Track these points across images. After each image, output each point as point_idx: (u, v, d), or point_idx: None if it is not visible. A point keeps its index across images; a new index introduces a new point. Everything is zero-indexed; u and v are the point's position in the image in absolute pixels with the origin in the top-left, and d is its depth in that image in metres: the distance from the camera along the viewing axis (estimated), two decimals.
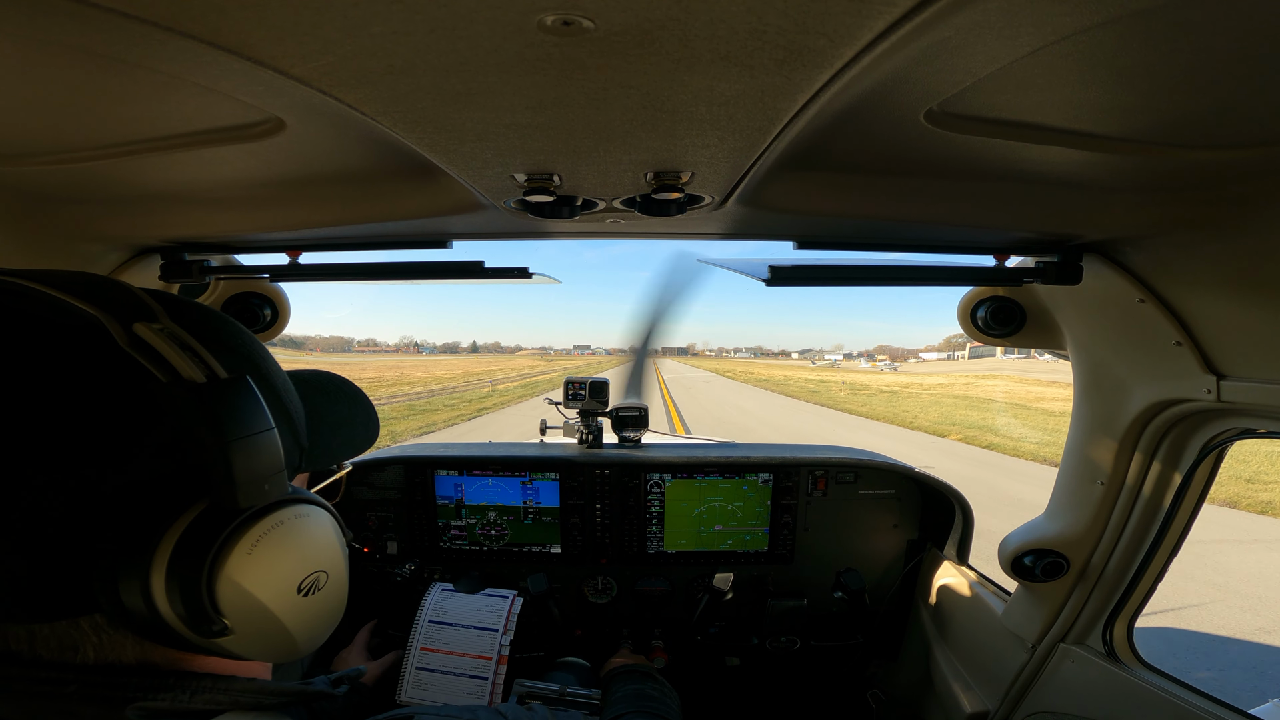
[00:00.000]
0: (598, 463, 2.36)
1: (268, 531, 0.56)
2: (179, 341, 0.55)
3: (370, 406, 0.91)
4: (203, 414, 0.52)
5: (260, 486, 0.55)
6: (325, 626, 0.63)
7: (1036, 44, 0.64)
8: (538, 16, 0.55)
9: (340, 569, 0.64)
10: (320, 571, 0.60)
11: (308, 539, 0.59)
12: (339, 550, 0.64)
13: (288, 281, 1.76)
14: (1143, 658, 1.66)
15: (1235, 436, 1.39)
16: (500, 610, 2.03)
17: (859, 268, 1.49)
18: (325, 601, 0.62)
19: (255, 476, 0.54)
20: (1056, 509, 1.71)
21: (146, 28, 0.57)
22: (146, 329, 0.54)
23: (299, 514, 0.59)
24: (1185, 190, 1.06)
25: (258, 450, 0.55)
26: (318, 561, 0.60)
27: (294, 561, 0.58)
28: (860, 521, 2.42)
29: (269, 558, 0.55)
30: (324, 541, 0.61)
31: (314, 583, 0.60)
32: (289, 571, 0.57)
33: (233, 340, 0.66)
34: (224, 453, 0.52)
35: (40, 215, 1.26)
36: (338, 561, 0.63)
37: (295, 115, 0.84)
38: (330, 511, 0.65)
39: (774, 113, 0.77)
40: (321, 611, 0.62)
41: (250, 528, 0.55)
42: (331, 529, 0.63)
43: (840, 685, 2.66)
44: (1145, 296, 1.31)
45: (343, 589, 0.64)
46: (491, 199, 1.14)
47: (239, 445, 0.53)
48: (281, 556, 0.56)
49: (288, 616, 0.57)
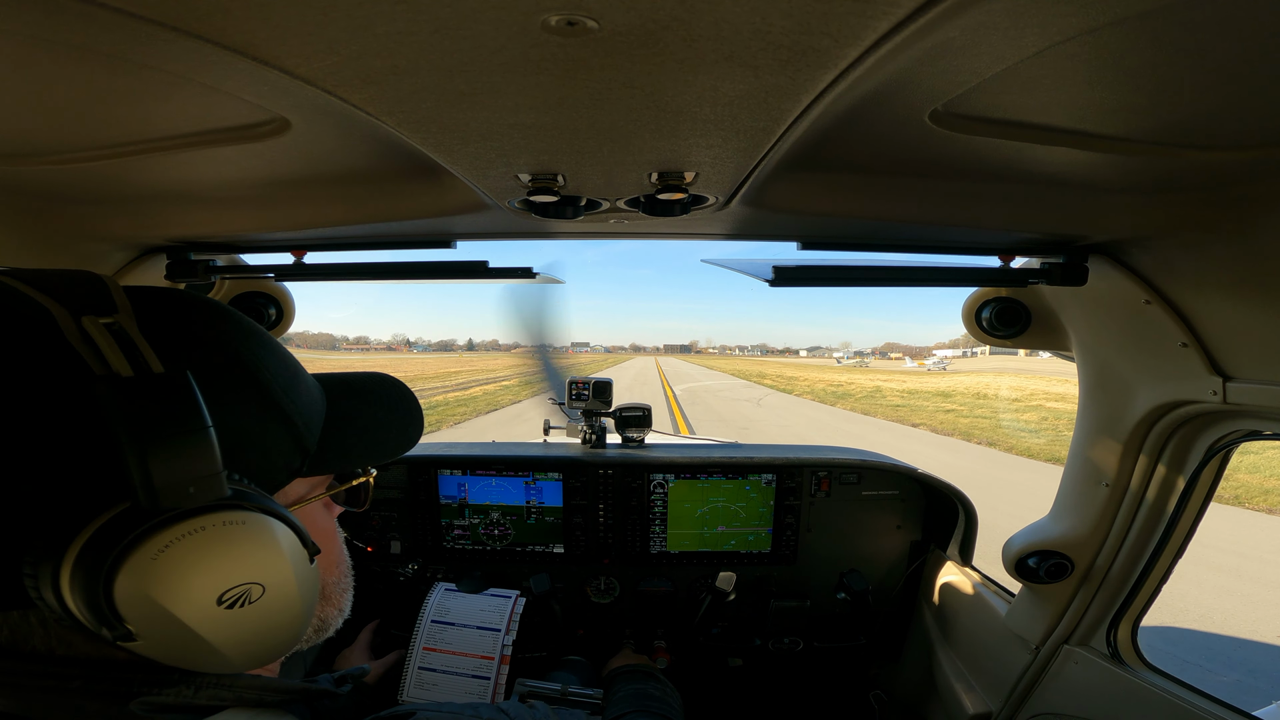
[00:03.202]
0: (601, 463, 2.36)
1: (181, 537, 0.52)
2: (121, 335, 0.53)
3: (412, 413, 0.88)
4: (118, 410, 0.50)
5: (182, 489, 0.51)
6: (266, 642, 0.60)
7: (1042, 45, 0.63)
8: (542, 16, 0.55)
9: (286, 583, 0.59)
10: (252, 584, 0.56)
11: (236, 549, 0.55)
12: (286, 564, 0.59)
13: (292, 281, 1.77)
14: (1147, 659, 1.65)
15: (1241, 438, 1.38)
16: (503, 610, 2.03)
17: (863, 268, 1.48)
18: (261, 616, 0.57)
19: (175, 479, 0.51)
20: (1061, 510, 1.70)
21: (152, 27, 0.57)
22: (93, 322, 0.53)
23: (229, 521, 0.55)
24: (1192, 191, 1.05)
25: (180, 451, 0.51)
26: (249, 574, 0.56)
27: (212, 571, 0.54)
28: (863, 522, 2.41)
29: (178, 564, 0.52)
30: (262, 553, 0.57)
31: (243, 595, 0.56)
32: (205, 581, 0.53)
33: (209, 334, 0.63)
34: (137, 451, 0.50)
35: (47, 215, 1.26)
36: (282, 575, 0.58)
37: (300, 115, 0.85)
38: (287, 522, 0.60)
39: (778, 113, 0.76)
40: (257, 627, 0.58)
41: (160, 532, 0.52)
42: (280, 541, 0.58)
43: (843, 686, 2.66)
44: (1151, 298, 1.31)
45: (289, 605, 0.60)
46: (496, 199, 1.14)
47: (155, 444, 0.50)
48: (195, 564, 0.53)
49: (205, 628, 0.54)
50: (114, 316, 0.54)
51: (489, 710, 0.82)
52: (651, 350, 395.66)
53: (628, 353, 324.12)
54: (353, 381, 0.84)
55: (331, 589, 0.81)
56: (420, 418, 0.89)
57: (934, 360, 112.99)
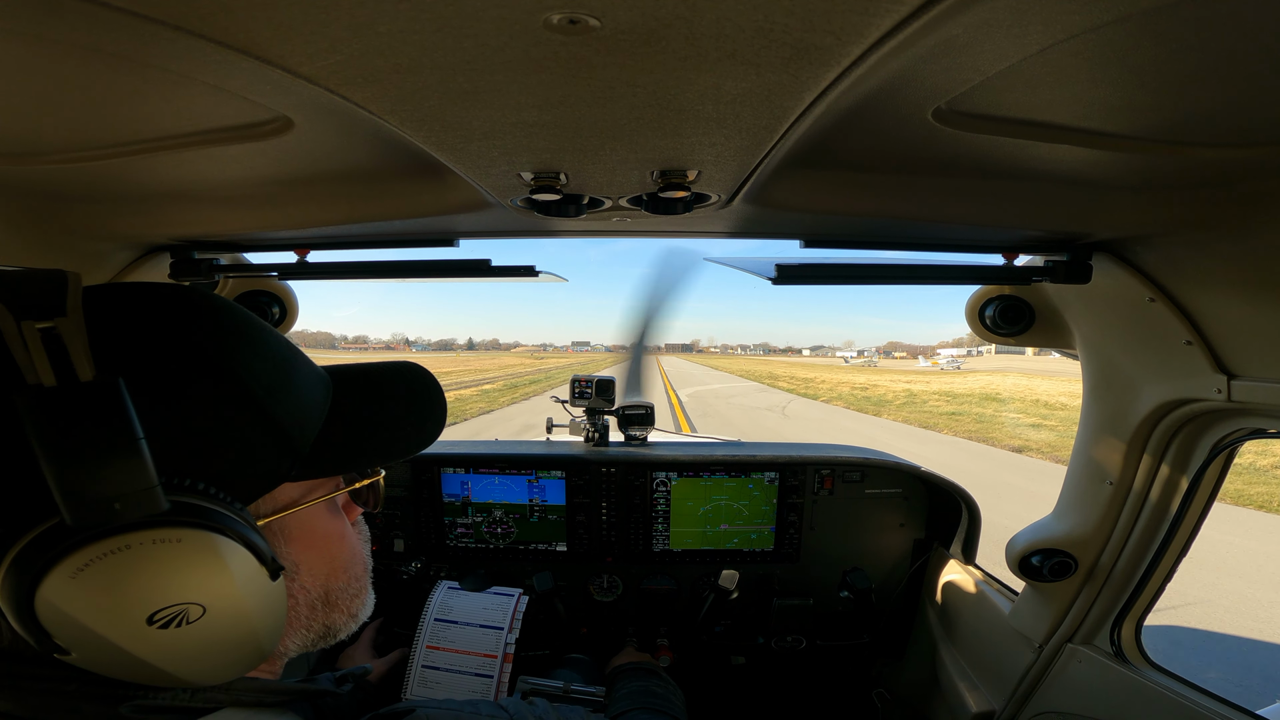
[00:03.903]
0: (604, 461, 2.36)
1: (102, 556, 0.50)
2: (54, 342, 0.49)
3: (432, 407, 0.83)
4: (34, 423, 0.47)
5: (105, 505, 0.48)
6: (219, 659, 0.57)
7: (1046, 42, 0.63)
8: (544, 15, 0.55)
9: (231, 603, 0.55)
10: (189, 605, 0.53)
11: (165, 569, 0.52)
12: (231, 583, 0.55)
13: (296, 279, 1.77)
14: (1151, 658, 1.65)
15: (1245, 436, 1.38)
16: (506, 608, 2.03)
17: (866, 266, 1.48)
18: (205, 636, 0.54)
19: (97, 494, 0.48)
20: (1065, 508, 1.70)
21: (156, 27, 0.57)
22: (30, 327, 0.48)
23: (160, 539, 0.52)
24: (1196, 188, 1.05)
25: (101, 466, 0.48)
26: (183, 594, 0.53)
27: (138, 591, 0.51)
28: (867, 521, 2.41)
29: (99, 584, 0.50)
30: (198, 573, 0.53)
31: (178, 616, 0.53)
32: (130, 601, 0.51)
33: (179, 332, 0.60)
34: (53, 467, 0.47)
35: (51, 214, 1.27)
36: (225, 595, 0.55)
37: (303, 114, 0.85)
38: (242, 539, 0.56)
39: (781, 111, 0.76)
40: (202, 645, 0.55)
41: (78, 551, 0.49)
42: (225, 559, 0.55)
43: (846, 685, 2.65)
44: (1155, 295, 1.30)
45: (238, 624, 0.56)
46: (498, 197, 1.14)
47: (71, 459, 0.47)
48: (117, 585, 0.50)
49: (137, 647, 0.52)
50: (55, 320, 0.49)
51: (489, 707, 0.82)
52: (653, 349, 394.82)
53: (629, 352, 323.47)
54: (372, 373, 0.81)
55: (339, 595, 0.76)
56: (441, 412, 0.84)
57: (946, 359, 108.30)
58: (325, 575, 0.74)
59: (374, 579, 0.84)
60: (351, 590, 0.78)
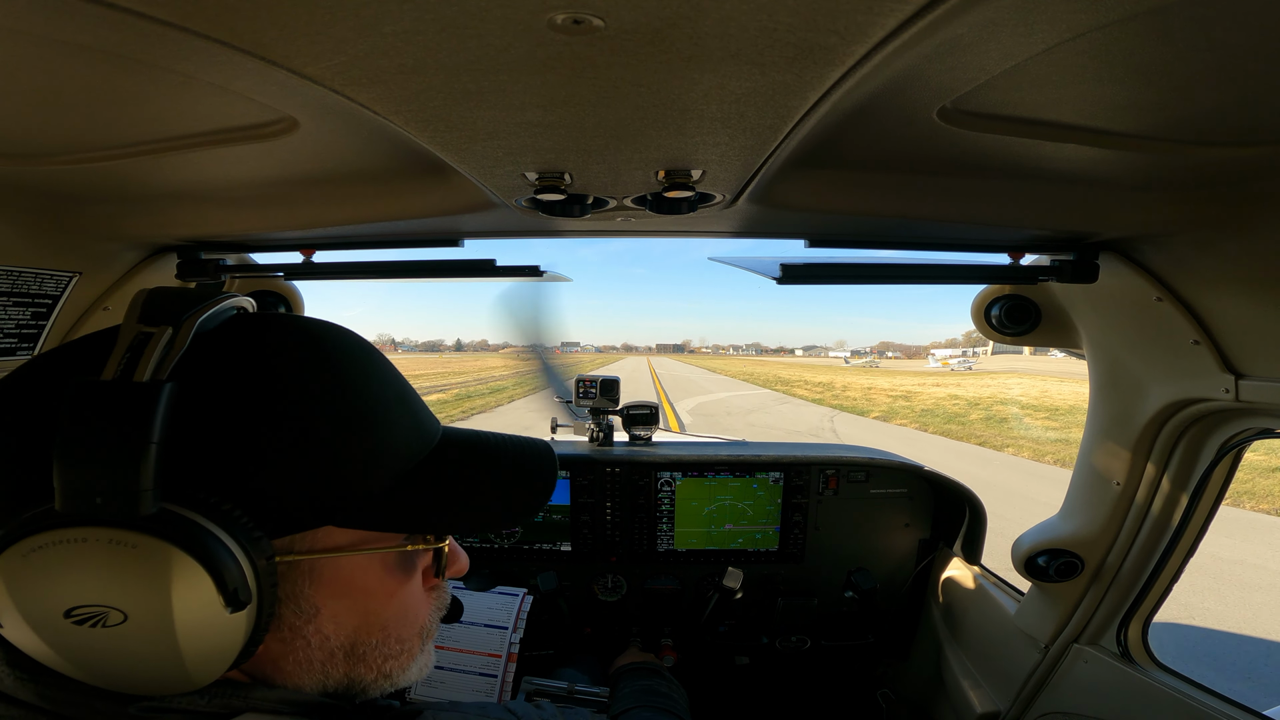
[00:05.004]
0: (608, 461, 2.36)
1: (56, 543, 0.50)
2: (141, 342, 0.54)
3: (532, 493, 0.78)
4: (64, 409, 0.50)
5: (88, 498, 0.49)
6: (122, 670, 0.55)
7: (1051, 41, 0.63)
8: (548, 15, 0.55)
9: (158, 619, 0.53)
10: (110, 609, 0.52)
11: (103, 569, 0.51)
12: (166, 601, 0.52)
13: (301, 280, 1.78)
14: (1157, 658, 1.64)
15: (1253, 436, 1.37)
16: (510, 608, 2.03)
17: (871, 266, 1.48)
18: (115, 643, 0.53)
19: (83, 486, 0.49)
20: (1071, 509, 1.70)
21: (162, 28, 0.58)
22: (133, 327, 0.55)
23: (116, 540, 0.51)
24: (1203, 188, 1.04)
25: (99, 460, 0.49)
26: (108, 597, 0.52)
27: (67, 583, 0.51)
28: (871, 520, 2.41)
29: (40, 568, 0.50)
30: (133, 582, 0.52)
31: (96, 617, 0.52)
32: (56, 591, 0.51)
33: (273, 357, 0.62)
34: (57, 450, 0.49)
35: (59, 214, 1.27)
36: (153, 609, 0.52)
37: (308, 114, 0.85)
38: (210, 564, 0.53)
39: (785, 110, 0.76)
40: (108, 652, 0.53)
41: (39, 533, 0.50)
42: (170, 577, 0.52)
43: (850, 685, 2.65)
44: (1163, 295, 1.30)
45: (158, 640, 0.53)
46: (503, 197, 1.15)
47: (75, 447, 0.49)
48: (53, 572, 0.51)
49: (48, 635, 0.52)
50: (158, 327, 0.54)
51: (497, 710, 0.81)
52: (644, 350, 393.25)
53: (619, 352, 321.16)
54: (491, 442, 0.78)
55: (367, 650, 0.70)
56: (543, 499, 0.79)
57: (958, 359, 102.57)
58: (354, 628, 0.69)
59: None
60: (388, 651, 0.73)
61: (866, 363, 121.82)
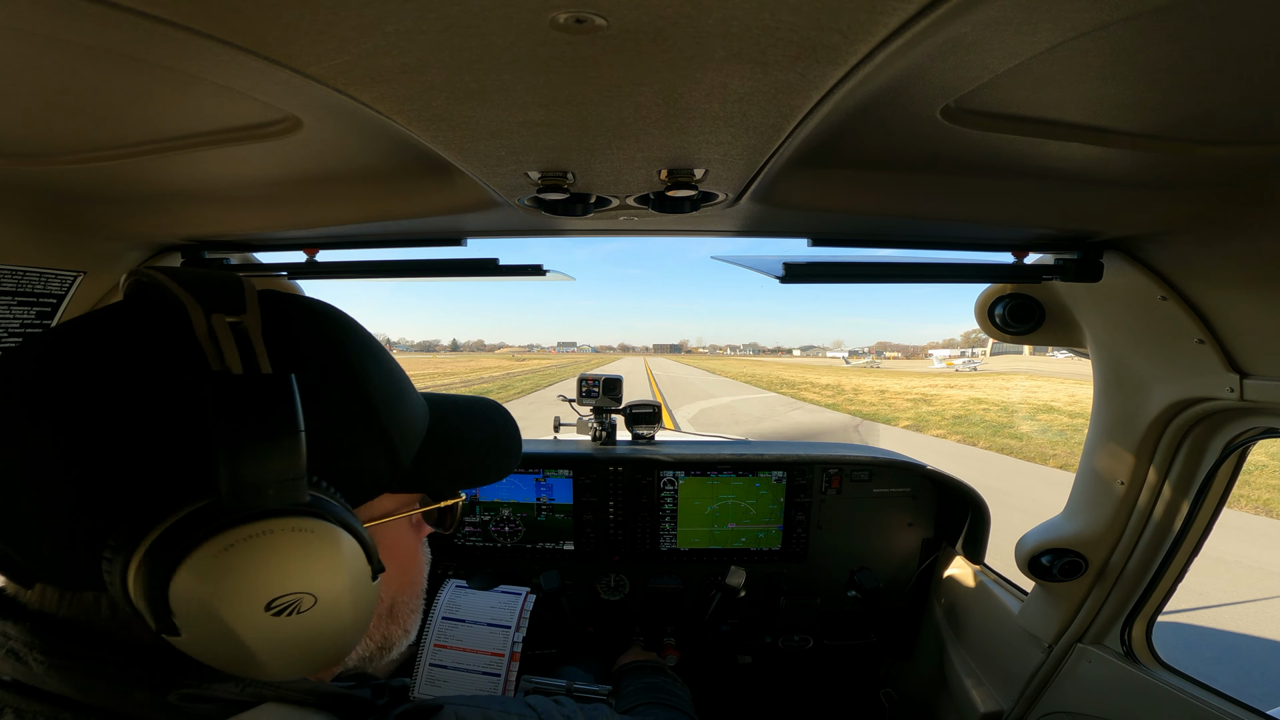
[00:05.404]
0: (611, 460, 2.36)
1: (248, 538, 0.52)
2: (242, 335, 0.55)
3: (512, 442, 0.87)
4: (221, 405, 0.51)
5: (262, 490, 0.52)
6: (306, 654, 0.58)
7: (1055, 40, 0.63)
8: (550, 14, 0.55)
9: (339, 598, 0.57)
10: (304, 594, 0.55)
11: (297, 557, 0.54)
12: (345, 578, 0.58)
13: (305, 279, 1.78)
14: (1161, 658, 1.64)
15: (1258, 436, 1.36)
16: (513, 607, 2.04)
17: (874, 265, 1.47)
18: (306, 628, 0.56)
19: (258, 479, 0.51)
20: (1075, 508, 1.69)
21: (165, 27, 0.58)
22: (220, 320, 0.54)
23: (298, 528, 0.54)
24: (1209, 186, 1.04)
25: (267, 452, 0.52)
26: (304, 583, 0.55)
27: (268, 576, 0.53)
28: (875, 520, 2.40)
29: (238, 565, 0.52)
30: (322, 565, 0.56)
31: (293, 605, 0.54)
32: (259, 585, 0.53)
33: (323, 340, 0.65)
34: (228, 447, 0.51)
35: (63, 214, 1.28)
36: (337, 589, 0.57)
37: (312, 114, 0.85)
38: (358, 536, 0.59)
39: (788, 109, 0.76)
40: (299, 638, 0.56)
41: (228, 530, 0.51)
42: (344, 554, 0.57)
43: (853, 684, 2.65)
44: (1167, 294, 1.29)
45: (338, 619, 0.58)
46: (505, 197, 1.15)
47: (246, 442, 0.51)
48: (253, 567, 0.52)
49: (248, 632, 0.53)
50: (241, 316, 0.56)
51: (516, 705, 0.82)
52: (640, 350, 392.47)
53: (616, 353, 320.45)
54: (461, 404, 0.85)
55: (401, 609, 0.78)
56: (519, 445, 0.89)
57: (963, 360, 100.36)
58: (395, 588, 0.77)
59: None
60: (412, 605, 0.81)
61: (867, 363, 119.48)
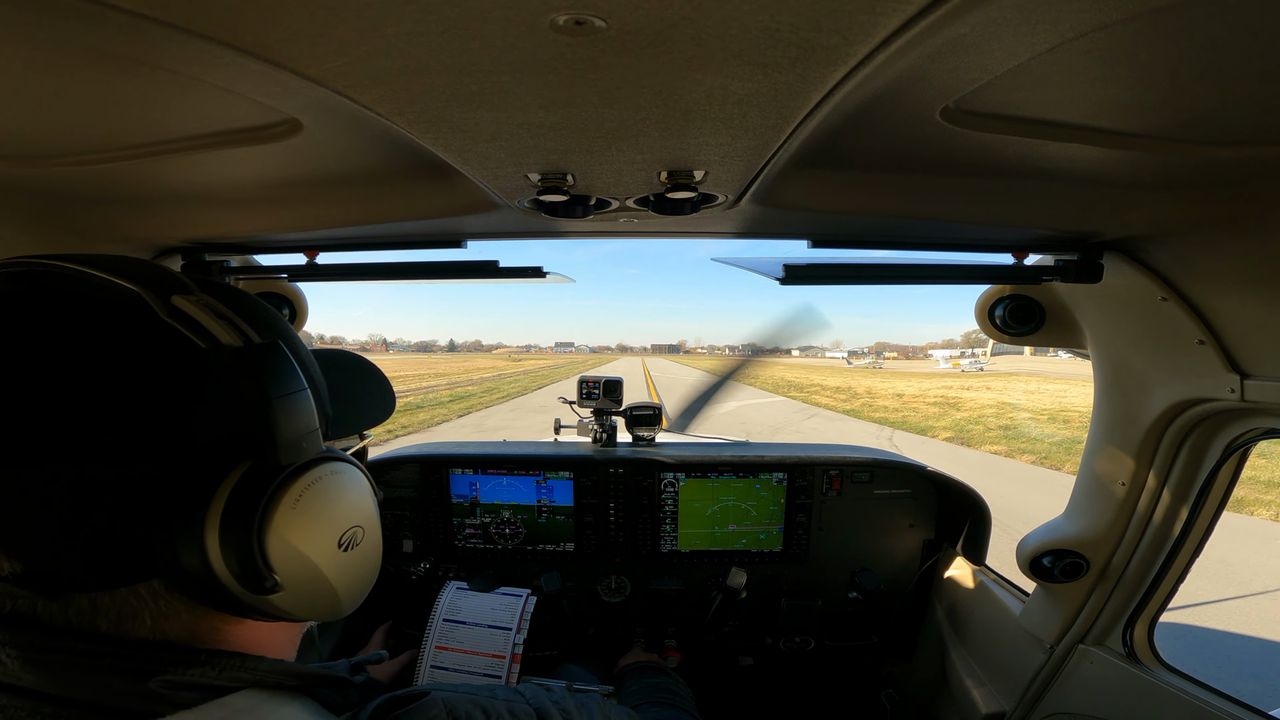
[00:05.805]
0: (612, 461, 2.36)
1: (308, 487, 0.58)
2: (214, 311, 0.57)
3: (385, 382, 0.93)
4: (247, 375, 0.55)
5: (299, 444, 0.57)
6: (364, 583, 0.65)
7: (1054, 41, 0.63)
8: (550, 16, 0.55)
9: (374, 524, 0.65)
10: (357, 526, 0.62)
11: (344, 494, 0.61)
12: (372, 506, 0.66)
13: (305, 281, 1.78)
14: (1163, 659, 1.64)
15: (1259, 436, 1.36)
16: (514, 609, 2.04)
17: (874, 266, 1.47)
18: (364, 557, 0.64)
19: (294, 434, 0.56)
20: (1076, 509, 1.69)
21: (165, 29, 0.58)
22: (184, 300, 0.56)
23: (334, 470, 0.61)
24: (1208, 187, 1.04)
25: (295, 409, 0.57)
26: (354, 517, 0.62)
27: (334, 516, 0.60)
28: (876, 521, 2.40)
29: (311, 513, 0.58)
30: (359, 497, 0.63)
31: (352, 537, 0.61)
32: (330, 526, 0.59)
33: (258, 313, 0.68)
34: (267, 411, 0.55)
35: (62, 216, 1.28)
36: (372, 517, 0.65)
37: (312, 116, 0.85)
38: (360, 468, 0.66)
39: (787, 111, 0.76)
40: (361, 567, 0.64)
41: (292, 484, 0.57)
42: (364, 485, 0.65)
43: (854, 685, 2.64)
44: (1167, 295, 1.29)
45: (377, 545, 0.67)
46: (505, 199, 1.15)
47: (280, 404, 0.55)
48: (322, 511, 0.59)
49: (332, 572, 0.59)
50: (196, 295, 0.58)
51: (505, 691, 0.82)
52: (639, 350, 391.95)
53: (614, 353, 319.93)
54: (335, 358, 0.88)
55: None
56: (390, 390, 0.94)
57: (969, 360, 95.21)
58: None
59: (383, 579, 0.88)
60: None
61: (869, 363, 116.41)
